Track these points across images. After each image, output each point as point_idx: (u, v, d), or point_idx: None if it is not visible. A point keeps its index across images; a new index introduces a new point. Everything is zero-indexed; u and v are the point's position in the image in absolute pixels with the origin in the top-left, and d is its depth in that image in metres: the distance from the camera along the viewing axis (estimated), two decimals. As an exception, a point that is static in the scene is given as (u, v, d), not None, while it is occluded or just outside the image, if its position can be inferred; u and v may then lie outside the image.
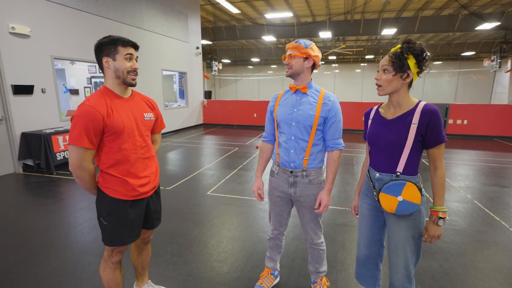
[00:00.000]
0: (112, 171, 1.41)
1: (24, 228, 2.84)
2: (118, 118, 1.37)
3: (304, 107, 1.59)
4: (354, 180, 4.33)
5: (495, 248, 2.52)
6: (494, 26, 9.83)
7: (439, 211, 1.30)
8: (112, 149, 1.39)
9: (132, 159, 1.45)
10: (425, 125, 1.28)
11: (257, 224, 2.94)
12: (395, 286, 1.42)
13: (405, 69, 1.29)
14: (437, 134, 1.28)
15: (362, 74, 20.76)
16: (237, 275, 2.14)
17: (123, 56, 1.38)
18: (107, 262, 1.54)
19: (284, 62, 1.62)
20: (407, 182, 1.31)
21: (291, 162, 1.63)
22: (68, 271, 2.17)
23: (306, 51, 1.54)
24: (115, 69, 1.39)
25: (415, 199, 1.30)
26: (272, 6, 10.55)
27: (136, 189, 1.46)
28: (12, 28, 4.39)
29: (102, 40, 1.38)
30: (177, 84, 10.79)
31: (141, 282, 1.84)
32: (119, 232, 1.46)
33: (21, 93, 4.61)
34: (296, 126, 1.60)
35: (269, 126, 1.78)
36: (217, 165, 5.21)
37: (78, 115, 1.30)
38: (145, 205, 1.57)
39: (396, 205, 1.32)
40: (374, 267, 1.57)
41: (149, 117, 1.54)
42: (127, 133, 1.41)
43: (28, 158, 4.72)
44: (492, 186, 4.15)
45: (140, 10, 7.22)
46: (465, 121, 8.38)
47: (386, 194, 1.34)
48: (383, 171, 1.40)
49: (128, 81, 1.42)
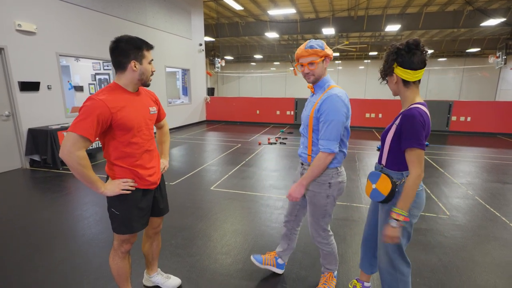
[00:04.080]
0: (121, 162, 1.48)
1: (31, 221, 2.92)
2: (128, 114, 1.42)
3: (308, 108, 1.68)
4: (356, 176, 4.36)
5: (494, 243, 2.55)
6: (500, 22, 9.72)
7: (395, 212, 1.35)
8: (122, 143, 1.45)
9: (140, 152, 1.51)
10: (400, 128, 1.37)
11: (260, 219, 2.99)
12: (381, 268, 1.56)
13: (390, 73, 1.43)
14: (406, 138, 1.33)
15: (366, 71, 20.63)
16: (240, 267, 2.19)
17: (148, 61, 1.48)
18: (117, 251, 1.61)
19: (305, 72, 1.56)
20: (382, 174, 1.45)
21: (301, 155, 1.75)
22: (75, 262, 2.24)
23: (324, 52, 1.51)
24: (141, 72, 1.46)
25: (384, 190, 1.43)
26: (275, 3, 10.52)
27: (146, 179, 1.54)
28: (18, 25, 4.45)
29: (129, 41, 1.40)
30: (180, 81, 10.84)
31: (150, 270, 1.95)
32: (130, 220, 1.53)
33: (28, 89, 4.68)
34: (303, 124, 1.74)
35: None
36: (220, 161, 5.26)
37: (87, 106, 1.32)
38: (153, 195, 1.65)
39: (370, 191, 1.51)
40: (368, 250, 1.73)
41: (153, 111, 1.61)
42: (137, 128, 1.47)
43: (35, 154, 4.80)
44: (494, 182, 4.16)
45: (144, 7, 7.25)
46: (468, 118, 8.35)
47: (368, 180, 1.54)
48: (378, 162, 1.57)
49: (148, 83, 1.53)
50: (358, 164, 5.05)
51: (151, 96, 1.66)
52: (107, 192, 1.43)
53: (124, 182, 1.47)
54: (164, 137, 1.87)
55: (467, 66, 18.19)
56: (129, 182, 1.49)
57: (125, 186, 1.47)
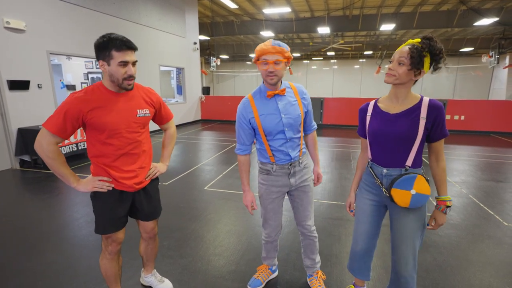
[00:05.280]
0: (96, 160, 1.46)
1: (21, 223, 2.85)
2: (101, 115, 1.37)
3: (291, 111, 1.57)
4: (351, 175, 4.35)
5: (488, 242, 2.55)
6: (493, 22, 9.80)
7: (446, 200, 1.35)
8: (97, 141, 1.43)
9: (116, 154, 1.46)
10: (431, 120, 1.30)
11: (254, 219, 2.95)
12: (404, 277, 1.42)
13: (420, 66, 1.26)
14: (442, 128, 1.31)
15: (361, 70, 20.68)
16: (233, 269, 2.15)
17: (117, 63, 1.33)
18: (104, 253, 1.58)
19: (269, 71, 1.43)
20: (417, 175, 1.31)
21: (290, 158, 1.64)
22: (65, 264, 2.18)
23: (288, 54, 1.45)
24: (110, 74, 1.37)
25: (425, 190, 1.32)
26: (271, 1, 10.47)
27: (119, 181, 1.48)
28: (7, 23, 4.35)
29: (98, 41, 1.34)
30: (175, 79, 10.75)
31: (146, 271, 1.93)
32: (103, 220, 1.50)
33: (17, 88, 4.58)
34: (290, 129, 1.59)
35: (245, 138, 1.66)
36: (214, 160, 5.22)
37: (63, 103, 1.34)
38: (131, 199, 1.57)
39: (409, 199, 1.32)
40: (369, 259, 1.62)
41: (143, 113, 1.51)
42: (111, 130, 1.41)
43: (25, 154, 4.72)
44: (488, 181, 4.18)
45: (137, 5, 7.16)
46: (462, 117, 8.40)
47: (398, 189, 1.33)
48: (391, 166, 1.38)
49: (123, 87, 1.40)
50: (353, 163, 5.05)
51: (146, 97, 1.54)
52: (79, 187, 1.42)
53: (99, 179, 1.45)
54: (167, 139, 1.80)
55: (461, 65, 18.35)
56: (105, 181, 1.45)
57: (99, 184, 1.44)
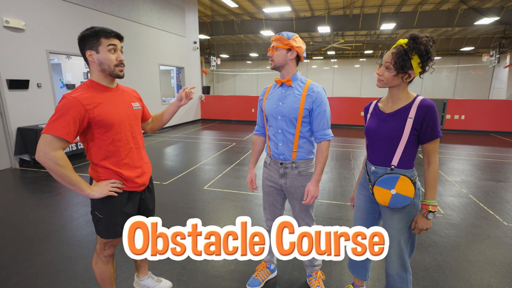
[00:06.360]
0: (105, 163, 1.40)
1: (20, 222, 2.85)
2: (106, 110, 1.35)
3: (288, 100, 1.60)
4: (351, 175, 4.35)
5: (488, 242, 2.54)
6: (493, 21, 9.79)
7: (429, 205, 1.32)
8: (104, 141, 1.38)
9: (126, 149, 1.44)
10: (420, 120, 1.28)
11: (253, 218, 2.95)
12: (391, 275, 1.45)
13: (406, 69, 1.25)
14: (432, 129, 1.28)
15: (361, 69, 20.67)
16: (232, 269, 2.15)
17: (106, 48, 1.33)
18: (100, 256, 1.54)
19: (268, 55, 1.61)
20: (400, 175, 1.31)
21: (281, 154, 1.66)
22: (63, 264, 2.18)
23: (288, 42, 1.53)
24: (99, 62, 1.35)
25: (408, 192, 1.31)
26: (271, 1, 10.46)
27: (134, 181, 1.48)
28: (6, 22, 4.34)
29: (84, 32, 1.34)
30: (175, 79, 10.74)
31: (141, 273, 1.89)
32: (114, 224, 1.46)
33: (17, 87, 4.57)
34: (282, 119, 1.62)
35: (260, 119, 1.82)
36: (214, 160, 5.21)
37: (60, 105, 1.25)
38: (139, 198, 1.58)
39: (389, 198, 1.34)
40: (368, 259, 1.60)
41: (137, 106, 1.54)
42: (118, 124, 1.39)
43: (25, 153, 4.71)
44: (488, 180, 4.17)
45: (137, 4, 7.15)
46: (462, 117, 8.39)
47: (379, 187, 1.35)
48: (379, 165, 1.41)
49: (115, 74, 1.39)
50: (353, 163, 5.04)
51: (132, 93, 1.58)
52: (94, 194, 1.36)
53: (112, 183, 1.41)
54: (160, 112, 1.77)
55: (461, 64, 18.31)
56: (117, 184, 1.42)
57: (113, 187, 1.41)
